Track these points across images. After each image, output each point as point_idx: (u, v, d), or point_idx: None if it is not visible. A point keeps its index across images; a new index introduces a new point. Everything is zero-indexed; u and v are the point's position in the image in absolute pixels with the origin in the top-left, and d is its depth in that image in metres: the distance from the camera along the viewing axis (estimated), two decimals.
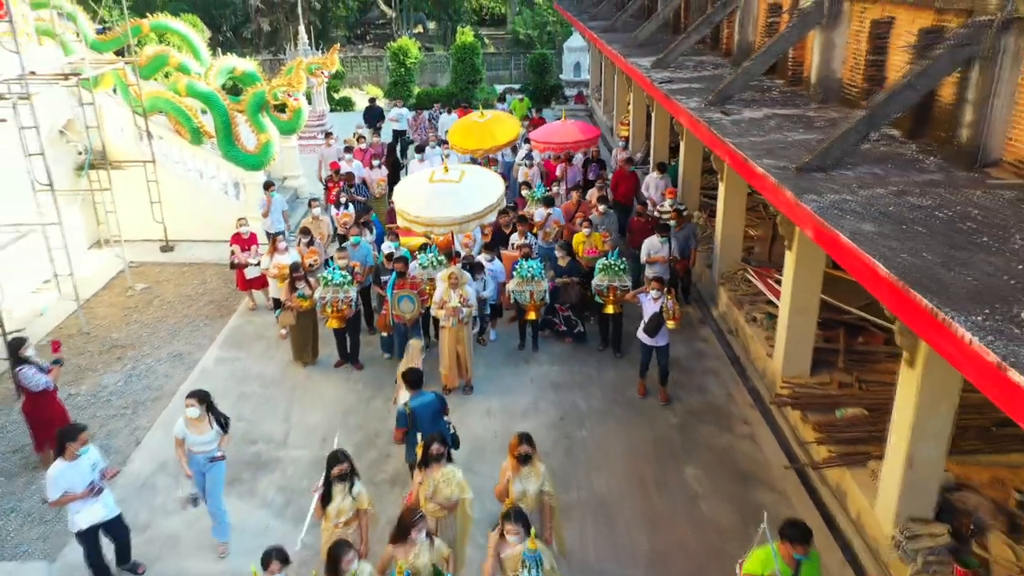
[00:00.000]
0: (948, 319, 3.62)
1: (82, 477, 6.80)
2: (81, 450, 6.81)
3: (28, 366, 8.39)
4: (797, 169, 6.17)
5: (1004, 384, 3.24)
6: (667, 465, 9.06)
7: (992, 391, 3.37)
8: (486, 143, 14.39)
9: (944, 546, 6.94)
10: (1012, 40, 5.65)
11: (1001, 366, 3.33)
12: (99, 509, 6.94)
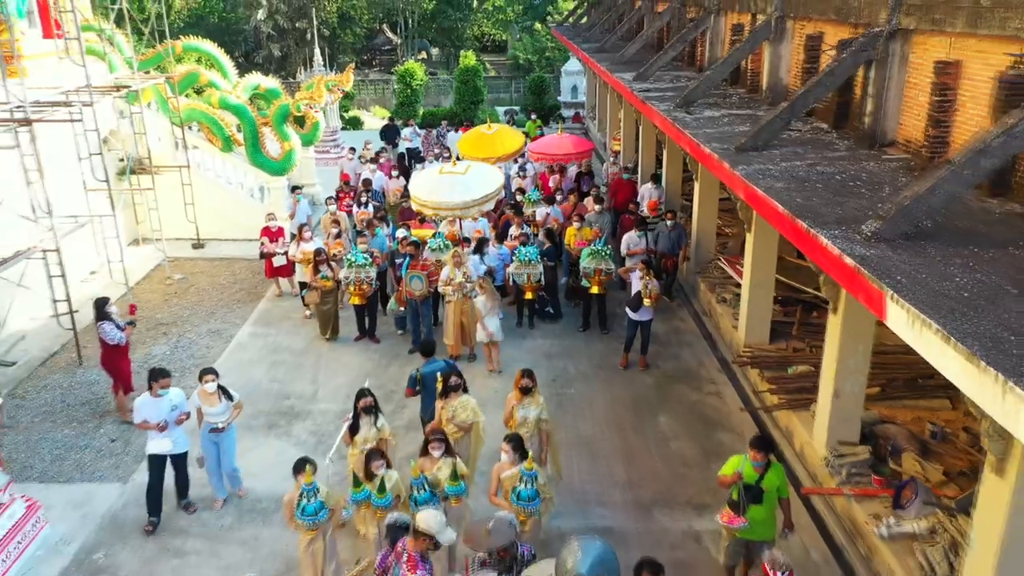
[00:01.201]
0: (815, 232, 5.14)
1: (159, 413, 8.04)
2: (162, 391, 8.08)
3: (108, 322, 9.84)
4: (736, 149, 7.74)
5: (842, 267, 4.77)
6: (643, 415, 10.55)
7: (836, 273, 4.90)
8: (495, 152, 16.04)
9: (864, 462, 8.44)
10: (898, 46, 7.24)
11: (844, 259, 4.85)
12: (166, 443, 8.12)
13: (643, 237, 13.29)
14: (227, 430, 8.44)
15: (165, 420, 8.06)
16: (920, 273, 4.50)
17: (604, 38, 20.98)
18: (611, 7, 24.45)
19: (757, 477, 6.97)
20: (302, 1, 47.09)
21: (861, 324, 8.15)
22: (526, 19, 51.26)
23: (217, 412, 8.30)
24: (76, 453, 9.67)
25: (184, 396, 8.45)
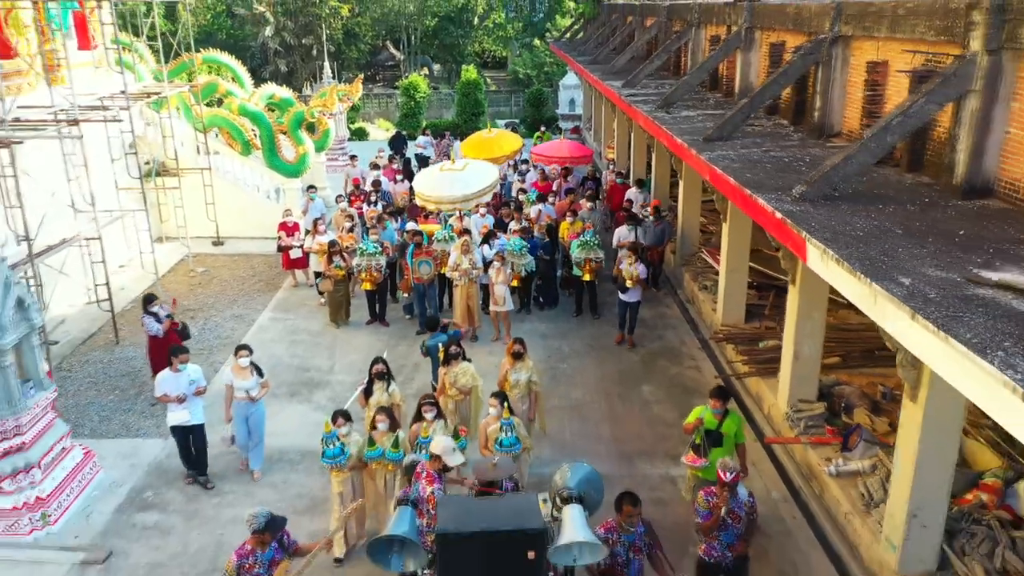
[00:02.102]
0: (756, 197, 6.32)
1: (179, 386, 8.93)
2: (181, 366, 9.06)
3: (149, 316, 10.88)
4: (704, 140, 8.94)
5: (774, 221, 5.93)
6: (629, 385, 11.70)
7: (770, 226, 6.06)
8: (493, 153, 17.34)
9: (820, 415, 9.57)
10: (839, 50, 8.45)
11: (775, 214, 6.03)
12: (184, 415, 8.92)
13: (632, 231, 14.49)
14: (257, 404, 9.22)
15: (184, 392, 8.85)
16: (831, 222, 5.66)
17: (597, 51, 22.31)
18: (605, 23, 25.82)
19: (717, 423, 8.10)
20: (308, 18, 48.65)
21: (815, 295, 9.32)
22: (525, 36, 52.79)
23: (249, 385, 9.12)
24: (121, 415, 10.82)
25: (201, 371, 9.25)
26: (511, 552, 5.45)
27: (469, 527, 5.49)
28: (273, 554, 6.15)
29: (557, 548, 5.58)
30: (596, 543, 5.71)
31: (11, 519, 8.16)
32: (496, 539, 5.44)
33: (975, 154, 6.01)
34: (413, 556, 5.95)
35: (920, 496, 6.87)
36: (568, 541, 5.59)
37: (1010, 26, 5.54)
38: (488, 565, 5.48)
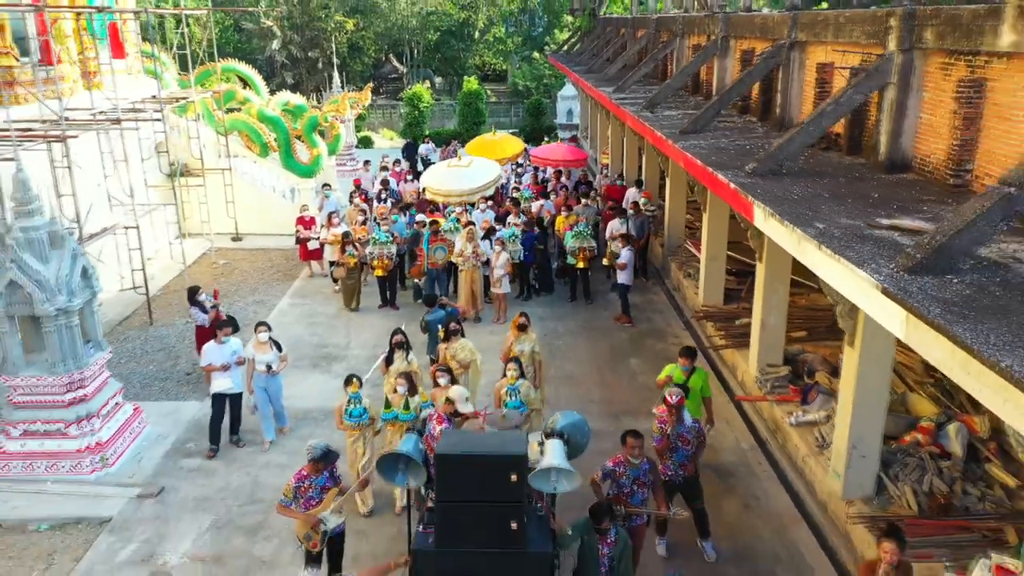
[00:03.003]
0: (716, 173, 7.55)
1: (222, 357, 10.04)
2: (225, 339, 10.35)
3: (195, 307, 11.95)
4: (680, 132, 10.20)
5: (728, 190, 7.17)
6: (618, 358, 12.92)
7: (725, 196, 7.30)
8: (496, 155, 18.67)
9: (785, 377, 10.80)
10: (797, 54, 9.73)
11: (730, 185, 7.28)
12: (227, 382, 10.02)
13: (624, 223, 15.76)
14: (275, 376, 10.19)
15: (227, 362, 9.92)
16: (773, 190, 6.89)
17: (592, 62, 23.68)
18: (600, 36, 27.21)
19: (685, 378, 9.29)
20: (314, 32, 50.18)
21: (779, 271, 10.56)
22: (525, 49, 54.32)
23: (269, 359, 10.12)
24: (160, 383, 12.04)
25: (241, 344, 10.40)
26: (497, 474, 6.09)
27: (462, 451, 6.39)
28: (325, 481, 7.30)
29: (537, 473, 6.42)
30: (571, 471, 6.52)
31: (76, 460, 9.36)
32: (484, 462, 6.23)
33: (894, 136, 7.25)
34: (415, 474, 6.99)
35: (859, 430, 8.08)
36: (546, 466, 6.59)
37: (918, 30, 6.80)
38: (477, 484, 6.11)
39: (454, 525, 6.20)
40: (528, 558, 6.22)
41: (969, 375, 3.75)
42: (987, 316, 3.94)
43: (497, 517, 6.14)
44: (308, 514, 7.13)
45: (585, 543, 6.51)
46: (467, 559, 6.19)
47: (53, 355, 9.21)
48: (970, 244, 4.50)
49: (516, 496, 6.13)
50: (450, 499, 6.19)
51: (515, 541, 6.15)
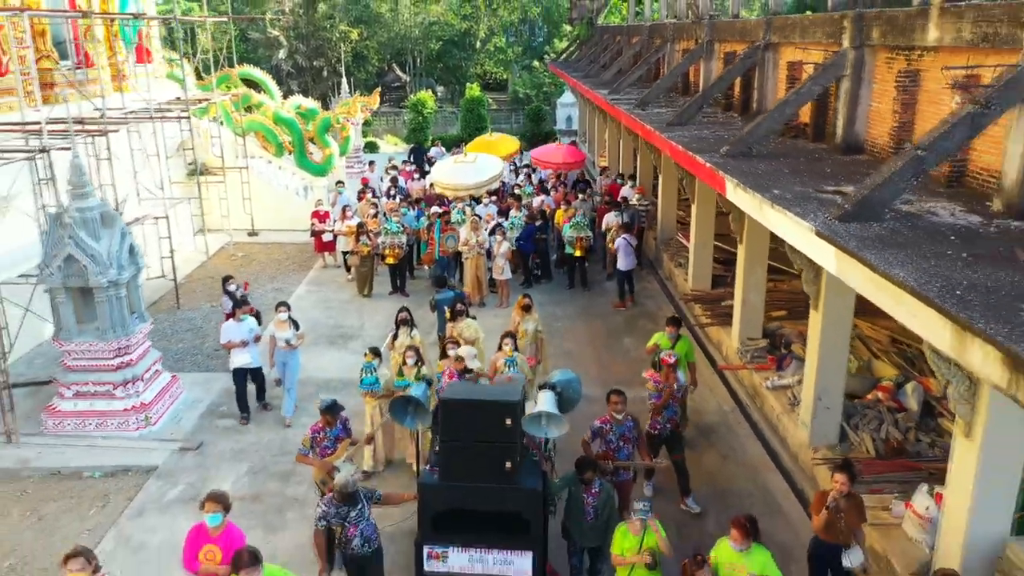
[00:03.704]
0: (696, 157, 8.63)
1: (240, 334, 10.98)
2: (243, 317, 11.40)
3: (225, 296, 12.93)
4: (666, 125, 11.29)
5: (705, 169, 8.24)
6: (613, 338, 13.97)
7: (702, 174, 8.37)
8: (496, 153, 19.83)
9: (763, 348, 11.84)
10: (771, 55, 10.84)
11: (705, 164, 8.37)
12: (245, 357, 10.90)
13: (619, 215, 16.86)
14: (294, 353, 11.12)
15: (245, 339, 10.82)
16: (742, 168, 7.96)
17: (589, 68, 24.85)
18: (597, 43, 28.40)
19: (671, 345, 10.34)
20: (319, 42, 51.47)
21: (759, 252, 11.60)
22: (525, 58, 55.59)
23: (288, 336, 11.03)
24: (191, 357, 13.09)
25: (257, 323, 11.34)
26: (493, 418, 6.81)
27: (464, 397, 7.25)
28: (339, 432, 8.31)
29: (529, 418, 7.21)
30: (560, 417, 7.31)
31: (123, 418, 10.40)
32: (482, 407, 6.91)
33: (849, 122, 8.32)
34: (422, 417, 7.97)
35: (823, 383, 9.11)
36: (537, 411, 7.50)
37: (866, 29, 7.88)
38: (477, 427, 6.83)
39: (456, 463, 6.93)
40: (520, 492, 6.90)
41: (878, 290, 4.80)
42: (892, 248, 4.99)
43: (494, 456, 6.83)
44: (323, 461, 8.02)
45: (572, 494, 7.30)
46: (467, 492, 6.92)
47: (103, 323, 10.25)
48: (889, 196, 5.55)
49: (511, 438, 6.82)
50: (452, 440, 6.95)
51: (509, 478, 6.84)
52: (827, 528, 6.75)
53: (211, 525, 6.41)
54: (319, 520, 6.89)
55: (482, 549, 7.00)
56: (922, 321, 4.31)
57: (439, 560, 7.05)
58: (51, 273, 9.95)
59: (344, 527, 6.86)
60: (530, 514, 6.97)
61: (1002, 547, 6.11)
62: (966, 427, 5.97)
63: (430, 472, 7.24)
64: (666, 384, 8.81)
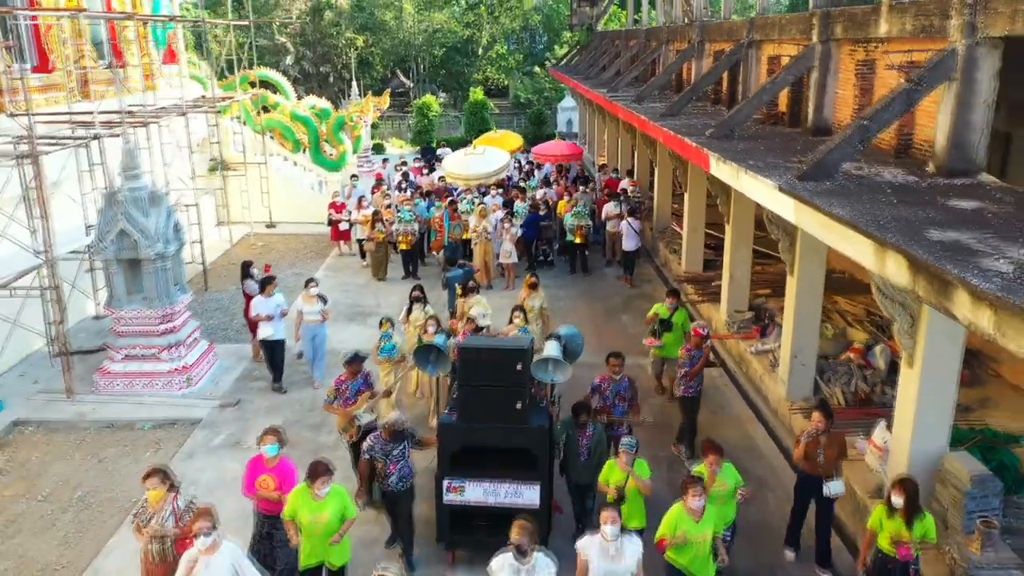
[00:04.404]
0: (683, 138, 9.77)
1: (268, 308, 12.07)
2: (275, 291, 12.53)
3: (250, 280, 13.96)
4: (660, 115, 12.43)
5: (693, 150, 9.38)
6: (612, 316, 15.08)
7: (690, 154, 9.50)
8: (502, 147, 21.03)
9: (749, 320, 12.95)
10: (753, 51, 11.98)
11: (692, 143, 9.49)
12: (269, 329, 11.83)
13: (618, 206, 18.02)
14: (321, 326, 12.18)
15: (272, 313, 11.77)
16: (724, 147, 9.06)
17: (589, 71, 26.05)
18: (596, 48, 29.61)
19: (669, 315, 11.45)
20: (326, 48, 52.77)
21: (744, 232, 12.73)
22: (526, 65, 56.84)
23: (315, 311, 12.12)
24: (222, 332, 14.19)
25: (284, 298, 12.33)
26: (506, 364, 7.65)
27: (479, 345, 8.33)
28: (360, 386, 9.31)
29: (537, 363, 8.17)
30: (564, 363, 8.33)
31: (167, 379, 11.49)
32: (496, 353, 7.84)
33: (818, 108, 9.44)
34: (442, 365, 8.96)
35: (799, 343, 10.21)
36: (543, 357, 8.52)
37: (832, 25, 9.02)
38: (491, 372, 7.65)
39: (472, 404, 7.78)
40: (529, 430, 7.73)
41: (825, 229, 5.89)
42: (838, 197, 6.08)
43: (506, 398, 7.62)
44: (346, 410, 8.97)
45: (569, 436, 8.21)
46: (482, 431, 7.72)
47: (150, 292, 11.36)
48: (839, 159, 6.64)
49: (521, 381, 7.74)
50: (469, 383, 7.81)
51: (519, 418, 7.65)
52: (809, 462, 7.56)
53: (267, 456, 7.31)
54: (365, 452, 7.78)
55: (495, 482, 7.78)
56: (855, 245, 5.40)
57: (457, 492, 7.85)
58: (105, 247, 11.07)
59: (385, 463, 7.66)
60: (538, 450, 7.84)
61: (940, 460, 7.19)
62: (909, 358, 7.06)
63: (448, 414, 8.07)
64: (697, 352, 9.77)
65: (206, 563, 5.92)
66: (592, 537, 6.25)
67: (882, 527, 6.37)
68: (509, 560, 5.90)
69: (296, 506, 6.79)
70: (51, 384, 11.71)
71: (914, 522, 6.22)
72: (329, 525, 6.80)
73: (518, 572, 5.89)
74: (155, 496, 6.60)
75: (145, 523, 6.58)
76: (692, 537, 6.40)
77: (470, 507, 7.90)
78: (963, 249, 4.56)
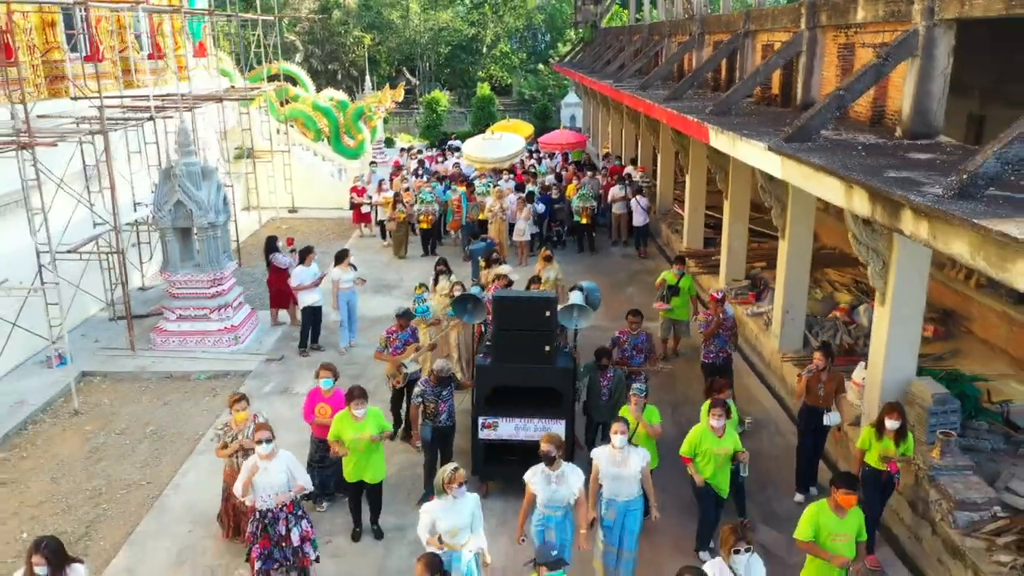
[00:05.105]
0: (686, 116, 10.94)
1: (309, 276, 13.30)
2: (313, 261, 13.69)
3: (279, 253, 15.10)
4: (664, 99, 13.62)
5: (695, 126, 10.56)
6: (617, 289, 16.25)
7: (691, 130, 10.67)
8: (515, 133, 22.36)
9: (745, 287, 14.12)
10: (749, 40, 13.17)
11: (694, 119, 10.66)
12: (315, 296, 13.06)
13: (623, 188, 19.21)
14: (354, 292, 13.37)
15: (314, 280, 13.03)
16: (722, 122, 10.24)
17: (593, 65, 27.25)
18: (600, 44, 30.79)
19: (676, 280, 12.61)
20: (333, 47, 53.97)
21: (740, 207, 13.91)
22: (530, 63, 58.05)
23: (349, 278, 13.26)
24: (258, 301, 15.32)
25: (319, 268, 13.53)
26: (536, 311, 8.64)
27: (512, 294, 9.60)
28: (408, 337, 10.48)
29: (562, 310, 9.41)
30: (587, 310, 9.60)
31: (217, 337, 12.66)
32: (527, 302, 9.12)
33: (805, 89, 10.61)
34: (478, 314, 10.12)
35: (789, 300, 11.37)
36: (569, 304, 9.75)
37: (818, 14, 10.20)
38: (522, 318, 8.64)
39: (505, 348, 8.80)
40: (556, 371, 8.71)
41: (805, 178, 7.06)
42: (816, 152, 7.25)
43: (535, 342, 8.59)
44: (394, 358, 10.22)
45: (591, 379, 9.36)
46: (514, 372, 8.65)
47: (202, 258, 12.53)
48: (819, 123, 7.81)
49: (549, 327, 8.79)
50: (503, 329, 8.85)
51: (547, 359, 8.70)
52: (811, 396, 8.56)
53: (324, 388, 8.50)
54: (416, 397, 8.84)
55: (525, 419, 8.70)
56: (828, 188, 6.56)
57: (491, 429, 8.79)
58: (163, 216, 12.24)
59: (436, 403, 8.70)
60: (563, 389, 8.84)
61: (908, 385, 8.36)
62: (881, 296, 8.23)
63: (483, 358, 9.09)
64: (714, 316, 10.85)
65: (265, 467, 6.95)
66: (604, 447, 7.31)
67: (871, 447, 7.37)
68: (541, 468, 6.97)
69: (340, 428, 7.81)
70: (110, 343, 12.88)
71: (900, 442, 7.30)
72: (369, 443, 7.83)
73: (548, 479, 6.94)
74: (242, 417, 7.73)
75: (232, 440, 7.73)
76: (713, 452, 7.41)
77: (503, 442, 8.81)
78: (911, 182, 5.72)
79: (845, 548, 6.14)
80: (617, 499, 7.06)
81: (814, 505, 6.35)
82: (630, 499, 7.07)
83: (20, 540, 8.02)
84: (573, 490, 6.85)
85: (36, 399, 10.90)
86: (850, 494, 6.12)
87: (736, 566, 5.61)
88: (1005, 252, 4.23)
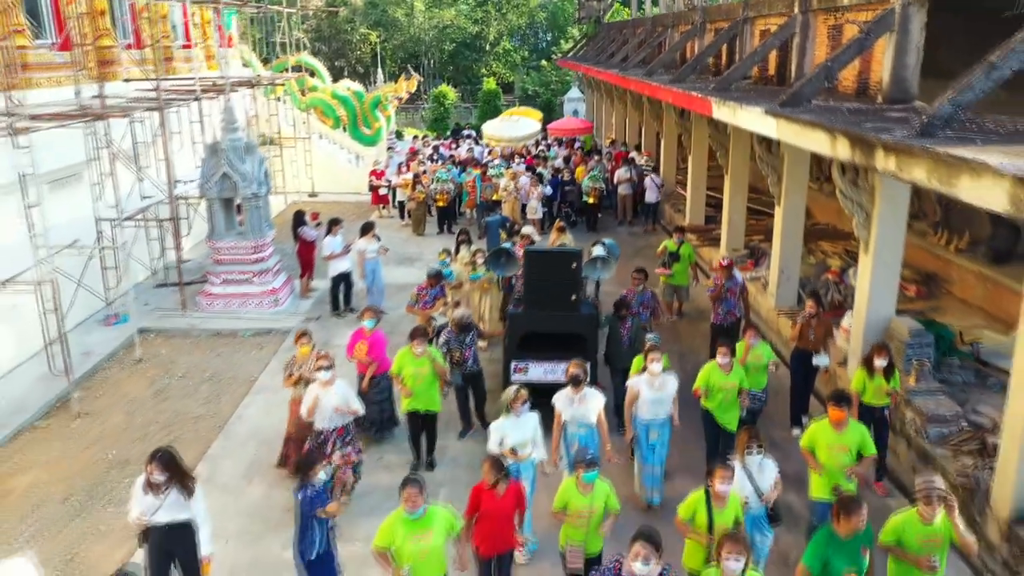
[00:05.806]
0: (691, 92, 12.05)
1: (337, 246, 14.56)
2: (340, 232, 14.79)
3: (306, 227, 16.22)
4: (669, 82, 14.74)
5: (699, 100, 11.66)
6: (623, 261, 17.21)
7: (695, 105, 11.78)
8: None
9: (744, 255, 15.24)
10: (748, 27, 14.30)
11: (698, 95, 11.76)
12: (345, 263, 14.35)
13: (629, 171, 20.35)
14: (378, 261, 14.68)
15: (340, 251, 14.26)
16: (724, 97, 11.37)
17: (598, 58, 28.36)
18: (603, 38, 31.90)
19: (676, 247, 13.71)
20: (340, 43, 55.11)
21: (740, 182, 15.03)
22: (532, 60, 59.21)
23: (374, 248, 14.50)
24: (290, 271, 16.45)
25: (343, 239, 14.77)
26: (563, 263, 9.68)
27: (541, 249, 10.79)
28: (437, 293, 11.58)
29: (587, 263, 10.83)
30: (610, 261, 10.96)
31: (258, 300, 13.77)
32: (555, 255, 10.38)
33: (799, 68, 11.72)
34: (511, 266, 11.28)
35: (785, 260, 12.49)
36: (593, 256, 11.00)
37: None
38: (551, 270, 9.67)
39: (535, 296, 9.78)
40: (581, 317, 9.75)
41: (796, 135, 8.18)
42: (807, 114, 8.38)
43: (563, 291, 9.57)
44: (424, 312, 11.36)
45: (612, 327, 10.37)
46: (542, 318, 9.61)
47: (246, 227, 13.63)
48: (810, 91, 8.92)
49: (575, 277, 9.81)
50: (534, 279, 9.89)
51: (574, 307, 9.73)
52: (803, 339, 9.56)
53: (367, 327, 9.66)
54: (441, 347, 9.72)
55: (554, 362, 9.43)
56: (816, 141, 7.68)
57: (522, 372, 9.58)
58: (210, 187, 13.34)
59: (461, 350, 9.60)
60: (588, 333, 9.80)
61: (888, 322, 9.48)
62: (865, 245, 9.35)
63: (515, 308, 10.15)
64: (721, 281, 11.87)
65: (324, 393, 7.96)
66: (642, 376, 8.22)
67: (865, 388, 8.22)
68: (565, 392, 8.04)
69: (402, 364, 8.83)
70: (160, 305, 13.99)
71: (890, 377, 8.20)
72: (427, 378, 8.83)
73: (571, 400, 8.02)
74: (305, 351, 8.79)
75: (296, 371, 8.80)
76: (720, 386, 8.26)
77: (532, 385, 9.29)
78: (883, 129, 6.84)
79: (844, 457, 6.77)
80: (656, 419, 8.05)
81: (815, 422, 7.19)
82: (666, 418, 8.12)
83: (109, 459, 9.12)
84: (594, 409, 7.87)
85: (101, 350, 12.00)
86: (837, 408, 6.77)
87: (750, 465, 6.48)
88: (951, 171, 5.35)
